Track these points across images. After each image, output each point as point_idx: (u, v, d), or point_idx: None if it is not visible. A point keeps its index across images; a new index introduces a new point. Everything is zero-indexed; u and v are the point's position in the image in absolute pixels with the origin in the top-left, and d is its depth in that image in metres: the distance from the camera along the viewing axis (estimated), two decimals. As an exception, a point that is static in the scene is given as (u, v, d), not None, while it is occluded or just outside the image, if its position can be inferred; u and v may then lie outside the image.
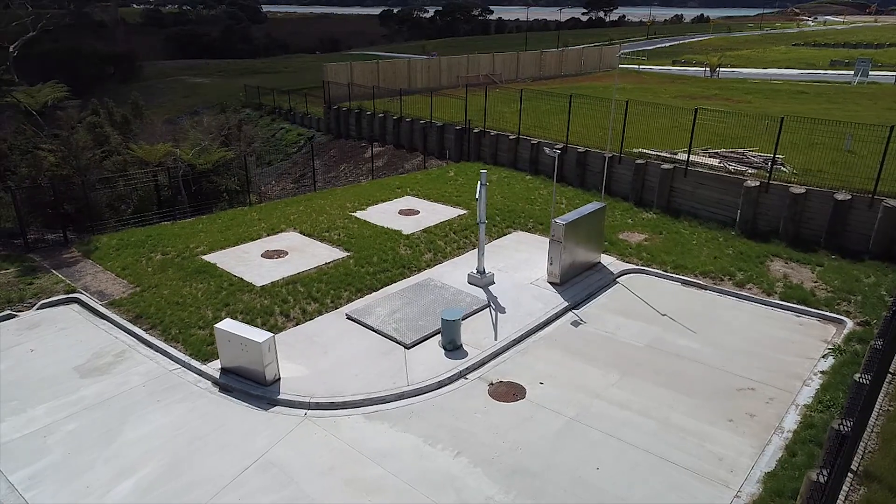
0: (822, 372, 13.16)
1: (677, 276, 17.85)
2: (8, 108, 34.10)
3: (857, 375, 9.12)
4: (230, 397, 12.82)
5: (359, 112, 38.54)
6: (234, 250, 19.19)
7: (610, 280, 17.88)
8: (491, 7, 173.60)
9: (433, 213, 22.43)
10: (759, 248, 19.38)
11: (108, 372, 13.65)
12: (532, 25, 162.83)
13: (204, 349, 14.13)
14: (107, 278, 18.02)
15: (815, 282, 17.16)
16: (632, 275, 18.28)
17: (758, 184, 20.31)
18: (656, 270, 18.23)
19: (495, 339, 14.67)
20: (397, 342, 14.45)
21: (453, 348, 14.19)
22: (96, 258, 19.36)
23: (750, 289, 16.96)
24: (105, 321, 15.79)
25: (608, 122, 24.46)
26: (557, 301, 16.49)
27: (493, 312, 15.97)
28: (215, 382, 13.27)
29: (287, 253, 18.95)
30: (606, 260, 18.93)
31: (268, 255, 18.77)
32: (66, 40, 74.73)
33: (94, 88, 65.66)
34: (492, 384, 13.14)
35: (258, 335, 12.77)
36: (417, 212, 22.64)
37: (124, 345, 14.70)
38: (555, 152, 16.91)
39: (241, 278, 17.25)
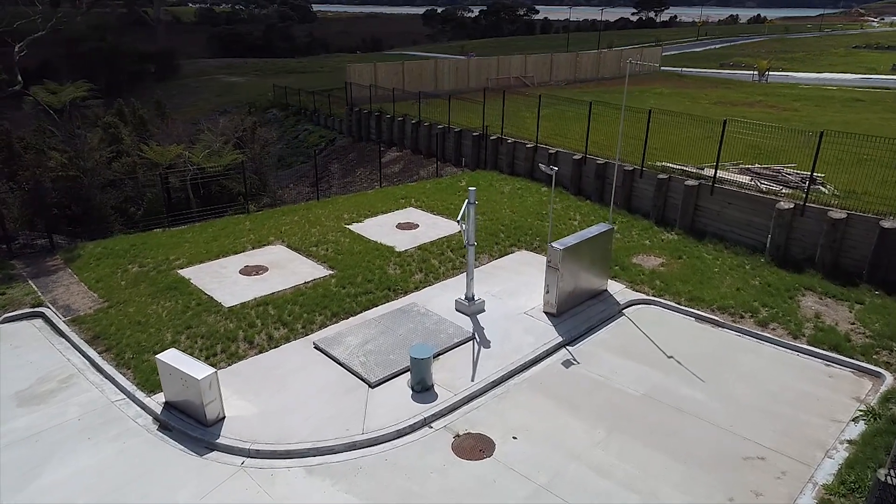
0: (849, 441, 11.08)
1: (692, 309, 15.85)
2: (31, 106, 34.15)
3: (882, 472, 7.20)
4: (167, 438, 11.60)
5: (379, 115, 37.31)
6: (212, 264, 18.09)
7: (615, 312, 16.01)
8: (537, 7, 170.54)
9: (433, 228, 20.90)
10: (790, 279, 17.15)
11: (47, 401, 12.63)
12: (580, 25, 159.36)
13: (153, 378, 12.94)
14: (79, 291, 17.16)
15: (852, 323, 14.93)
16: (640, 306, 16.37)
17: (792, 206, 18.07)
18: (668, 302, 16.27)
19: (472, 380, 13.06)
20: (362, 379, 13.00)
21: (422, 389, 12.65)
22: (76, 268, 18.56)
23: (774, 329, 14.84)
24: (63, 340, 14.85)
25: (636, 132, 22.49)
26: (551, 335, 14.75)
27: (476, 346, 14.35)
28: (156, 418, 12.08)
29: (267, 269, 17.73)
30: (614, 287, 17.06)
31: (246, 271, 17.59)
32: (113, 39, 76.16)
33: (134, 86, 66.59)
34: (458, 436, 11.55)
35: (199, 370, 11.50)
36: (416, 226, 21.15)
37: (74, 368, 13.69)
38: (552, 169, 15.16)
39: (212, 297, 16.10)
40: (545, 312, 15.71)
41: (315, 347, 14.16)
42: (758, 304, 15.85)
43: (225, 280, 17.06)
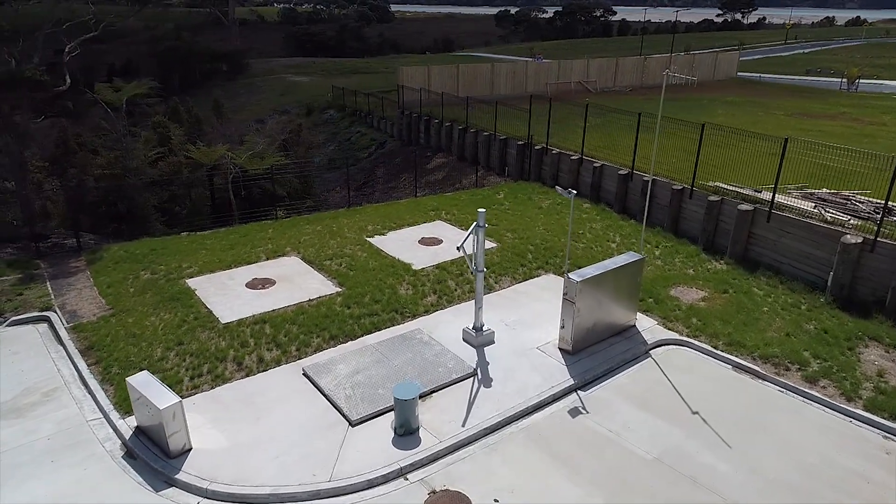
0: (899, 544, 9.13)
1: (729, 356, 13.95)
2: (94, 104, 35.23)
3: None
4: (129, 467, 10.95)
5: (428, 119, 36.38)
6: (221, 275, 17.56)
7: (640, 352, 14.31)
8: (615, 8, 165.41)
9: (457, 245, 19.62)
10: (852, 325, 14.90)
11: (25, 415, 12.28)
12: (659, 27, 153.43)
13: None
14: (89, 296, 17.00)
15: (923, 386, 12.66)
16: (671, 347, 14.59)
17: (860, 240, 15.74)
18: (703, 345, 14.40)
19: (463, 425, 11.79)
20: (343, 415, 11.98)
21: (405, 433, 11.50)
22: (94, 271, 18.50)
23: (824, 387, 12.78)
24: (60, 348, 14.60)
25: (693, 147, 20.31)
26: (562, 377, 13.27)
27: (476, 384, 13.05)
28: (124, 444, 11.48)
29: (274, 283, 17.02)
30: (644, 323, 15.33)
31: (253, 284, 16.94)
32: (190, 38, 79.20)
33: (204, 84, 68.76)
34: (433, 492, 10.32)
35: (163, 398, 10.79)
36: (440, 241, 19.99)
37: (61, 381, 13.34)
38: (570, 193, 13.63)
39: (211, 311, 15.51)
40: (560, 349, 14.22)
41: (304, 374, 13.27)
42: (809, 354, 13.77)
43: (229, 293, 16.46)
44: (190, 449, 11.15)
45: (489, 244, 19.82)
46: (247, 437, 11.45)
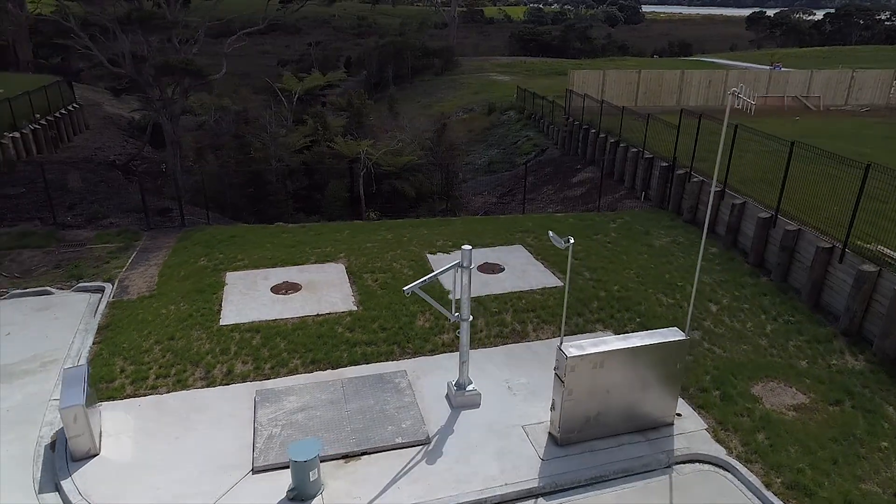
0: None
1: (782, 502, 9.65)
2: (279, 92, 38.13)
3: None
4: (42, 460, 10.86)
5: (587, 128, 32.99)
6: (259, 273, 17.21)
7: (658, 464, 10.64)
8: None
9: (520, 278, 16.97)
10: None
11: (12, 381, 13.02)
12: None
13: (96, 385, 12.46)
14: (150, 274, 17.88)
15: None
16: (704, 468, 10.62)
17: None
18: (750, 477, 10.20)
19: (364, 508, 9.68)
20: (253, 457, 10.62)
21: (296, 498, 9.78)
22: (174, 249, 19.54)
23: None
24: (92, 320, 15.41)
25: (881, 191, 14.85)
26: (527, 474, 10.33)
27: (419, 457, 10.74)
28: (55, 435, 11.47)
29: (299, 290, 16.18)
30: (688, 425, 11.45)
31: (279, 287, 16.29)
32: (412, 34, 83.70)
33: (413, 79, 72.06)
34: (273, 586, 8.49)
35: (69, 398, 10.45)
36: (501, 269, 17.45)
37: (65, 354, 13.95)
38: (565, 241, 10.29)
39: (221, 309, 15.18)
40: (550, 434, 11.18)
41: (255, 399, 12.18)
42: (914, 535, 8.95)
43: (251, 293, 16.02)
44: (95, 455, 10.71)
45: (555, 282, 16.81)
46: (152, 457, 10.70)
